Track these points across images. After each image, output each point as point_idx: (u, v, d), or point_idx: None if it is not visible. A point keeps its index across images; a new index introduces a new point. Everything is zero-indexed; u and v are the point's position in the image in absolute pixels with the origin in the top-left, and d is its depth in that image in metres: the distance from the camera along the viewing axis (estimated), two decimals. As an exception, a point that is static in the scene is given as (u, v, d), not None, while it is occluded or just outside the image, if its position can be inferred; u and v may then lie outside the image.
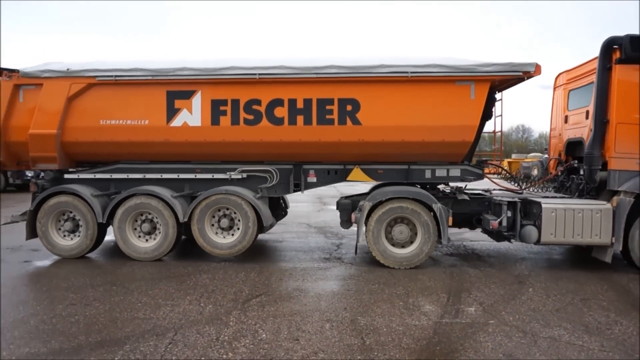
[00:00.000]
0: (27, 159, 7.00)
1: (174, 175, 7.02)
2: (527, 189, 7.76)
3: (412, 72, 6.39)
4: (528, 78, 6.51)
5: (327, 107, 6.57)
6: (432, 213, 6.46)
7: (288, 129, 6.61)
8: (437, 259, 7.15)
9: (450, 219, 6.47)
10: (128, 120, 6.75)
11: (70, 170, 7.27)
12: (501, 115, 7.67)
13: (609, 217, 6.21)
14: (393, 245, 6.61)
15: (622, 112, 6.17)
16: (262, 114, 6.63)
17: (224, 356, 3.74)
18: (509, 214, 6.53)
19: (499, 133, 7.82)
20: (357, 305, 4.95)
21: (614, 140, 6.21)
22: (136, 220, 6.88)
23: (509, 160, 32.40)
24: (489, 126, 7.93)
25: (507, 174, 7.84)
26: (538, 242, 6.37)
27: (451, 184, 7.62)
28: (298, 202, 13.67)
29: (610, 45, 6.27)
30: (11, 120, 6.89)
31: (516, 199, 6.54)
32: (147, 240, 6.90)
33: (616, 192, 6.30)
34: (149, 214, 6.82)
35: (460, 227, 7.42)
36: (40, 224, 6.87)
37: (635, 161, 6.17)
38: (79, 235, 6.92)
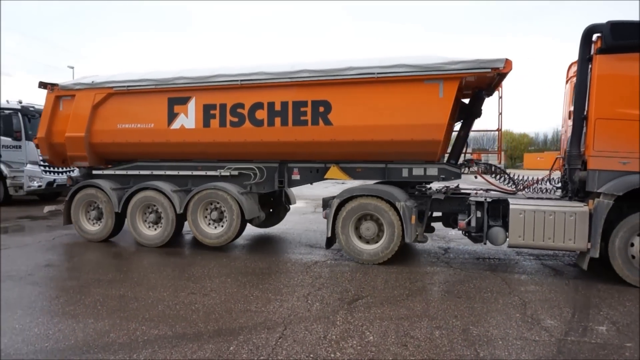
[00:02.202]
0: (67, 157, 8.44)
1: (175, 172, 7.94)
2: (525, 190, 7.35)
3: (378, 73, 6.53)
4: (499, 75, 6.28)
5: (302, 109, 6.96)
6: (396, 211, 6.53)
7: (268, 130, 7.13)
8: (558, 269, 6.52)
9: (414, 217, 6.47)
10: (138, 124, 7.80)
11: (99, 167, 8.58)
12: (501, 114, 7.48)
13: (585, 221, 5.77)
14: (363, 241, 6.80)
15: (601, 106, 5.67)
16: (245, 117, 7.23)
17: (332, 355, 3.74)
18: (479, 214, 6.36)
19: (499, 131, 7.60)
20: (469, 314, 4.65)
21: (593, 138, 5.74)
22: (145, 213, 7.92)
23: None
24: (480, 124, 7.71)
25: (502, 173, 7.47)
26: (513, 245, 6.13)
27: (443, 183, 7.55)
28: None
29: (590, 34, 5.79)
30: (54, 126, 8.35)
31: (484, 199, 6.35)
32: (155, 229, 7.90)
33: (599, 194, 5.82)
34: (154, 205, 7.81)
35: (453, 228, 7.34)
36: (73, 212, 8.24)
37: (617, 160, 5.64)
38: (101, 223, 8.17)
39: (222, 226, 7.53)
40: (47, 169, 13.78)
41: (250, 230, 9.24)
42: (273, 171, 7.61)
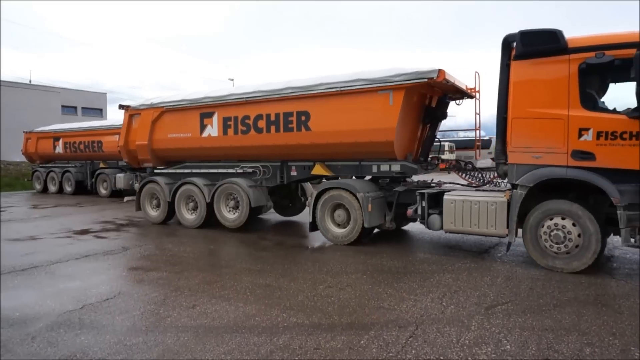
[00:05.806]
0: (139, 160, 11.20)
1: (207, 170, 10.14)
2: (489, 184, 8.04)
3: (341, 87, 7.90)
4: (434, 84, 7.20)
5: (289, 119, 8.61)
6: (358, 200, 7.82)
7: (266, 136, 8.93)
8: None
9: (370, 206, 7.68)
10: (181, 134, 10.17)
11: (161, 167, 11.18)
12: (478, 114, 8.29)
13: (503, 210, 6.52)
14: (341, 227, 8.21)
15: (517, 106, 6.37)
16: (250, 126, 9.12)
17: None
18: (424, 204, 7.37)
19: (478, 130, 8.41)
20: (631, 333, 4.08)
21: (511, 135, 6.45)
22: (187, 202, 10.26)
23: None
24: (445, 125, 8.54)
25: (471, 170, 8.20)
26: (447, 230, 7.08)
27: (416, 177, 8.60)
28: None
29: (507, 42, 6.48)
30: (129, 137, 11.14)
31: (425, 191, 7.33)
32: (193, 214, 10.20)
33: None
34: (192, 196, 10.10)
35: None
36: (141, 201, 10.94)
37: (531, 155, 6.30)
38: (159, 209, 10.73)
39: (237, 212, 9.51)
40: None
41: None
42: (276, 169, 9.37)
